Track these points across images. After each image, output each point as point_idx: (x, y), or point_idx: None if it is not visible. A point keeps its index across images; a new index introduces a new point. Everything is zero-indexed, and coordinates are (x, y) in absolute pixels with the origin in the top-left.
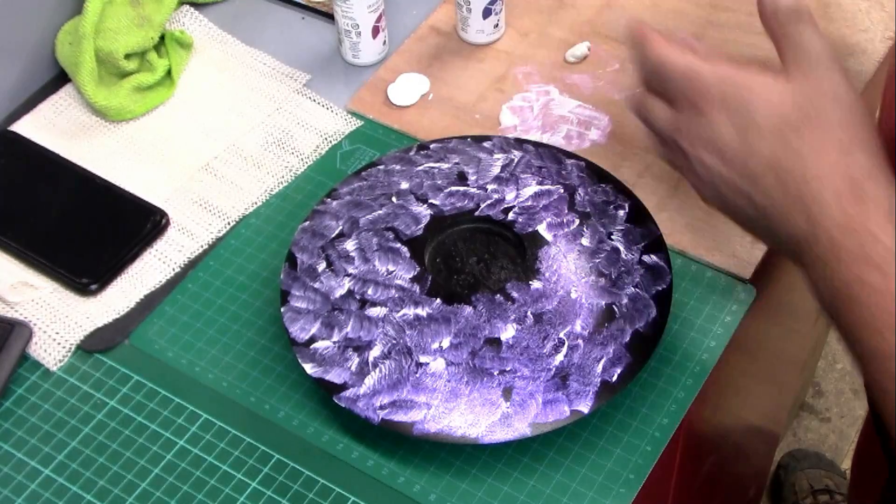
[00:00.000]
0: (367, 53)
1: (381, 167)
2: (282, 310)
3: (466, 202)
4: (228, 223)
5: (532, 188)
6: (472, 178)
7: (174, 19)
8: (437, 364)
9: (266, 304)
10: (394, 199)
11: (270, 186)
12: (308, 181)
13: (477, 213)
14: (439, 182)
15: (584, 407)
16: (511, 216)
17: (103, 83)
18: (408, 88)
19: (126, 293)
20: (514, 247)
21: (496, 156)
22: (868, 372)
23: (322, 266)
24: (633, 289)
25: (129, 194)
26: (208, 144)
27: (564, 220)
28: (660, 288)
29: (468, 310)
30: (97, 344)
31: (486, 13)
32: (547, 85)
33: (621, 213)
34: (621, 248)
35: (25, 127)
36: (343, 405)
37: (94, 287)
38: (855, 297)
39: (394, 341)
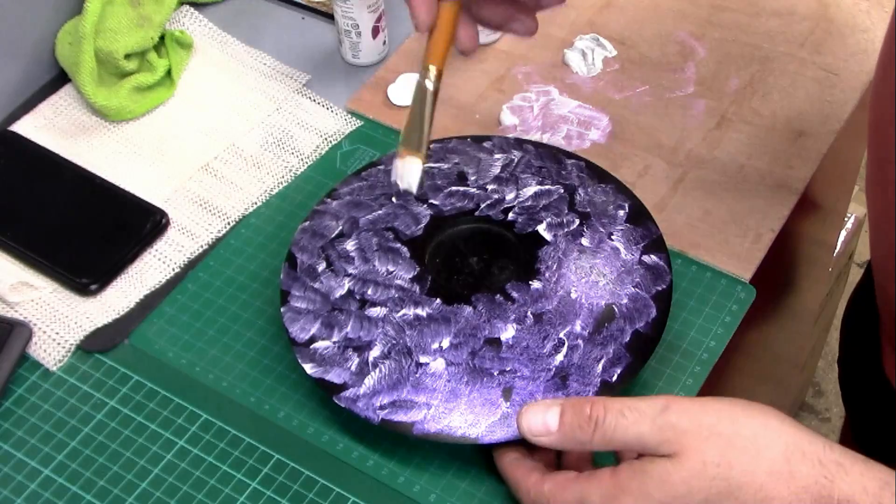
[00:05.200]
0: (367, 53)
1: (381, 167)
2: (282, 310)
3: (466, 202)
4: (228, 223)
5: (532, 188)
6: (472, 178)
7: (174, 19)
8: (437, 364)
9: (266, 304)
10: (394, 199)
11: (270, 186)
12: (308, 181)
13: (477, 213)
14: (439, 182)
15: None
16: (511, 216)
17: (103, 83)
18: (408, 88)
19: (126, 293)
20: (514, 247)
21: (496, 156)
22: None
23: (322, 266)
24: (633, 289)
25: (129, 194)
26: (208, 144)
27: (564, 220)
28: (660, 288)
29: (468, 310)
30: (97, 344)
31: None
32: (547, 85)
33: (621, 213)
34: (621, 248)
35: (25, 127)
36: (343, 405)
37: (94, 287)
38: None
39: (394, 341)
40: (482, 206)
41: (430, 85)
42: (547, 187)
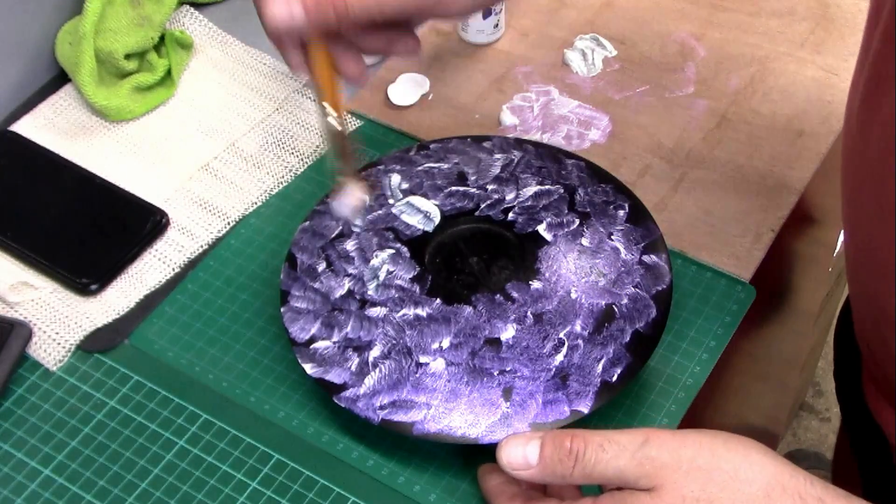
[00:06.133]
0: None
1: (381, 167)
2: (282, 310)
3: (466, 202)
4: (228, 223)
5: (532, 188)
6: (472, 178)
7: (174, 19)
8: (437, 364)
9: (266, 304)
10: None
11: (270, 186)
12: (308, 181)
13: (477, 213)
14: (439, 182)
15: (584, 407)
16: (511, 216)
17: (103, 83)
18: (408, 88)
19: (126, 293)
20: (514, 247)
21: (496, 156)
22: None
23: (322, 266)
24: (633, 289)
25: (129, 194)
26: (208, 144)
27: (564, 220)
28: (660, 288)
29: (468, 310)
30: (97, 344)
31: (487, 13)
32: (547, 85)
33: (621, 213)
34: (621, 248)
35: (25, 127)
36: (343, 405)
37: (94, 287)
38: None
39: (394, 341)
40: (482, 206)
41: (335, 123)
42: (547, 187)
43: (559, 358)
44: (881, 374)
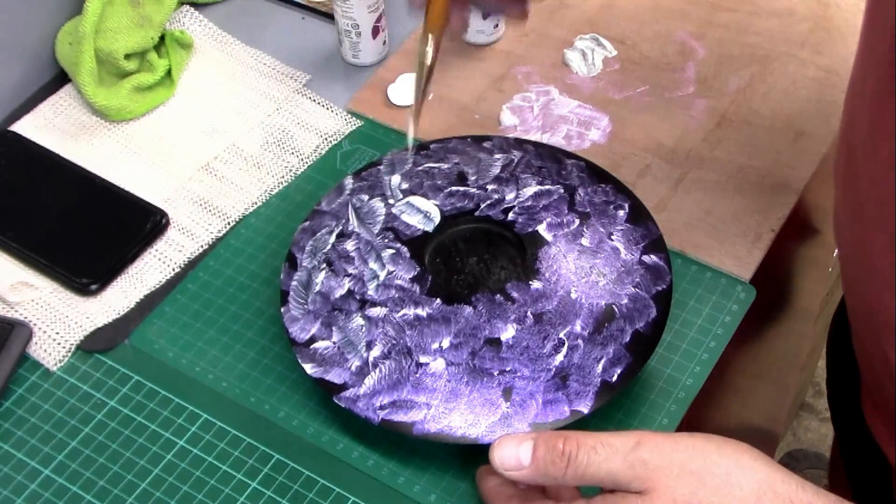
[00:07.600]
0: (367, 53)
1: (381, 167)
2: (282, 310)
3: (466, 202)
4: (228, 223)
5: (532, 188)
6: (472, 178)
7: (174, 19)
8: (437, 364)
9: (266, 305)
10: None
11: (270, 186)
12: (308, 181)
13: (477, 213)
14: (439, 182)
15: (584, 407)
16: (511, 216)
17: (103, 83)
18: (408, 88)
19: (126, 293)
20: (514, 247)
21: (496, 156)
22: None
23: (322, 266)
24: (633, 289)
25: (129, 194)
26: (208, 144)
27: (564, 220)
28: (660, 288)
29: (468, 310)
30: (97, 344)
31: (487, 13)
32: (547, 85)
33: (621, 213)
34: (621, 248)
35: (25, 127)
36: (343, 405)
37: (94, 287)
38: None
39: (394, 341)
40: (482, 206)
41: (430, 56)
42: (547, 187)
43: (559, 358)
44: (880, 390)
